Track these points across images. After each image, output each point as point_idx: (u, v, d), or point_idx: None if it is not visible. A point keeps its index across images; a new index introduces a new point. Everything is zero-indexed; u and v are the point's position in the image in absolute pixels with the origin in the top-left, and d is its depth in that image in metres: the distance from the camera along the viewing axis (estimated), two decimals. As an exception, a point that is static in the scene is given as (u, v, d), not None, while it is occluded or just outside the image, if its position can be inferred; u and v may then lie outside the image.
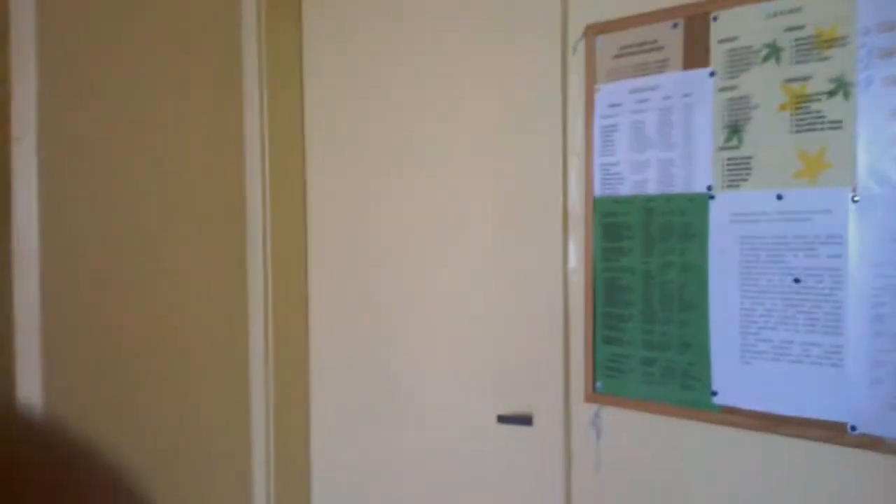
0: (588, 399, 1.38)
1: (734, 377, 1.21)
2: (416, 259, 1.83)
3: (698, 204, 1.24)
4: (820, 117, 1.12)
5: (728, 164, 1.21)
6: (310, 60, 2.07)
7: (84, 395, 1.73)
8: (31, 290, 1.61)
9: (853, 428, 1.09)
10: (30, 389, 1.67)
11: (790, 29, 1.14)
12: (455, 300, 1.76)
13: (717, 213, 1.22)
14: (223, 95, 2.00)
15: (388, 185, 1.88)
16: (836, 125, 1.10)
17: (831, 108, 1.11)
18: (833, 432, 1.11)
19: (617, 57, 1.33)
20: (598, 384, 1.37)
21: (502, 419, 1.56)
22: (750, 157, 1.19)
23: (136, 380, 1.82)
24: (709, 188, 1.23)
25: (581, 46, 1.37)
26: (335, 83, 2.00)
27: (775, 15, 1.15)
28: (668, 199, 1.27)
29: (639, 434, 1.33)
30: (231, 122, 2.02)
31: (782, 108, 1.15)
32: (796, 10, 1.13)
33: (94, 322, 1.74)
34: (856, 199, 1.08)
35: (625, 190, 1.32)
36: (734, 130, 1.20)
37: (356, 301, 1.98)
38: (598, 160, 1.35)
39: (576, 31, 1.39)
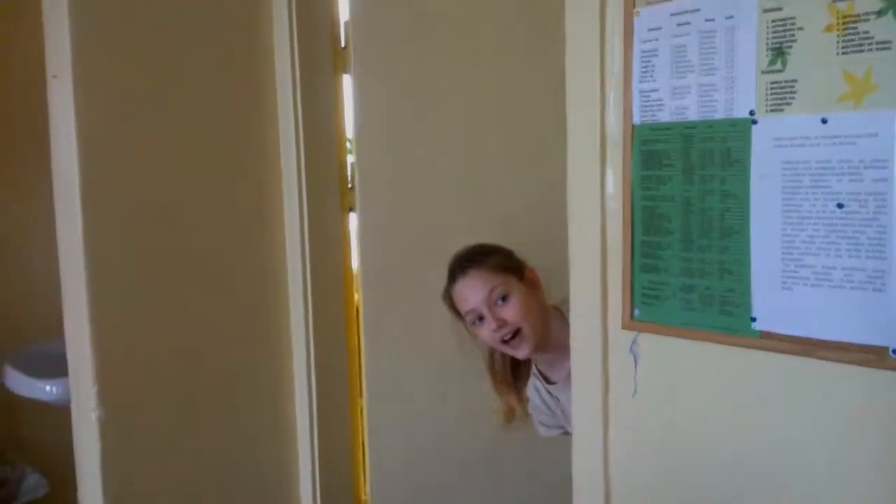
0: (626, 326, 1.40)
1: (774, 303, 1.21)
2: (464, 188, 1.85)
3: (740, 129, 1.22)
4: (867, 38, 1.09)
5: (771, 88, 1.19)
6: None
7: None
8: (74, 229, 1.64)
9: (895, 351, 1.09)
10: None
11: (839, -55, 1.10)
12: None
13: (760, 138, 1.21)
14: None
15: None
16: (884, 46, 1.07)
17: (879, 28, 1.08)
18: (874, 355, 1.11)
19: (657, -21, 1.29)
20: (636, 311, 1.38)
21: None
22: (794, 81, 1.16)
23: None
24: (751, 113, 1.21)
25: (619, -32, 1.34)
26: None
27: (824, -69, 1.11)
28: (709, 125, 1.26)
29: (676, 360, 1.35)
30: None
31: (828, 29, 1.12)
32: (846, -74, 1.10)
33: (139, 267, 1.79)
34: (903, 122, 1.06)
35: (664, 117, 1.31)
36: (778, 53, 1.17)
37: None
38: (636, 87, 1.33)
39: (614, -49, 1.35)
